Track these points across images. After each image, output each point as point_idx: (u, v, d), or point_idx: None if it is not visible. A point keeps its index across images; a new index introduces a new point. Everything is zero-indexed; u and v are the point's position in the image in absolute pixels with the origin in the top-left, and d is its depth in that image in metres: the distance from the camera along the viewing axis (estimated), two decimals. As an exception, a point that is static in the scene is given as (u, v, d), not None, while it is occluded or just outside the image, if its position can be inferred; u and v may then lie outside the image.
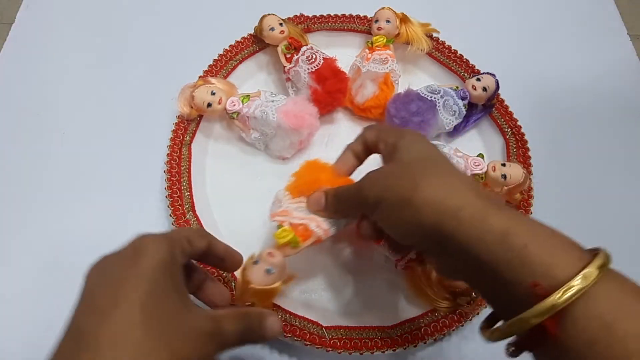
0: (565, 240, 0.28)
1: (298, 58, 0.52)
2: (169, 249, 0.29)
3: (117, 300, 0.26)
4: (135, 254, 0.28)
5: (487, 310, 0.44)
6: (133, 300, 0.26)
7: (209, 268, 0.41)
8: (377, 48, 0.54)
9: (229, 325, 0.30)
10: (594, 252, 0.27)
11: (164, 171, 0.49)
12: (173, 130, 0.51)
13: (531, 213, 0.49)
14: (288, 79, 0.54)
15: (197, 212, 0.47)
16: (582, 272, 0.25)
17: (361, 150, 0.40)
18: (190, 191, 0.48)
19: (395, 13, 0.56)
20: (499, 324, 0.29)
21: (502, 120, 0.54)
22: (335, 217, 0.40)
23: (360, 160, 0.41)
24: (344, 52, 0.57)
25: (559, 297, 0.24)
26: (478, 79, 0.52)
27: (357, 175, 0.44)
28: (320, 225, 0.39)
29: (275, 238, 0.39)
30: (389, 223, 0.33)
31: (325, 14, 0.59)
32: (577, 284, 0.24)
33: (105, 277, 0.27)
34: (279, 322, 0.33)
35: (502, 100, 0.55)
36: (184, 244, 0.31)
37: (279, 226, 0.40)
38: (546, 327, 0.25)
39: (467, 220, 0.28)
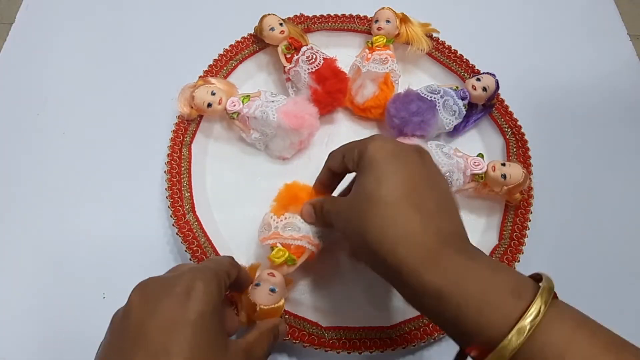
0: (500, 289, 0.27)
1: (298, 58, 0.52)
2: (218, 290, 0.30)
3: (169, 350, 0.26)
4: (187, 296, 0.28)
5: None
6: (183, 350, 0.26)
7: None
8: (377, 48, 0.54)
9: (258, 350, 0.32)
10: (535, 289, 0.26)
11: (164, 171, 0.49)
12: (173, 130, 0.51)
13: (531, 213, 0.49)
14: (288, 79, 0.54)
15: (197, 213, 0.47)
16: (516, 328, 0.24)
17: (329, 177, 0.40)
18: (191, 191, 0.48)
19: (395, 13, 0.56)
20: None
21: (502, 120, 0.54)
22: (328, 228, 0.41)
23: (333, 187, 0.42)
24: (344, 52, 0.57)
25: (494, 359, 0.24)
26: (478, 79, 0.52)
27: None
28: (311, 242, 0.41)
29: (272, 259, 0.40)
30: (355, 255, 0.35)
31: (325, 14, 0.59)
32: (512, 340, 0.24)
33: (157, 314, 0.27)
34: (285, 323, 0.38)
35: (502, 100, 0.55)
36: (226, 280, 0.32)
37: (272, 248, 0.41)
38: None
39: (406, 278, 0.28)
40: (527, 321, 0.24)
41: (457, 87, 0.53)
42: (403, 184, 0.31)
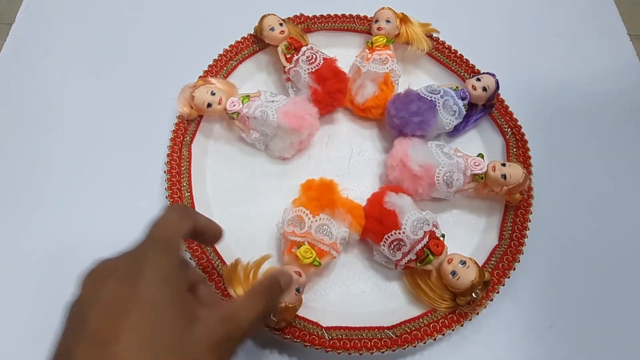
0: None
1: (298, 58, 0.52)
2: (168, 259, 0.27)
3: (116, 337, 0.23)
4: (134, 273, 0.26)
5: (486, 310, 0.44)
6: (134, 332, 0.24)
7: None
8: (377, 48, 0.54)
9: (249, 313, 0.29)
10: None
11: (164, 171, 0.48)
12: (173, 130, 0.51)
13: (531, 213, 0.49)
14: (288, 79, 0.54)
15: (197, 212, 0.47)
16: None
17: None
18: (190, 191, 0.48)
19: (395, 13, 0.56)
20: None
21: (502, 120, 0.54)
22: None
23: None
24: (344, 52, 0.57)
25: None
26: (478, 79, 0.52)
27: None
28: (336, 250, 0.43)
29: (300, 258, 0.41)
30: None
31: (325, 14, 0.59)
32: None
33: (100, 299, 0.25)
34: (287, 271, 0.38)
35: (502, 100, 0.55)
36: (179, 242, 0.30)
37: (294, 244, 0.42)
38: None
39: None
40: None
41: (457, 87, 0.53)
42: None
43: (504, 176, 0.46)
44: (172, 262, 0.28)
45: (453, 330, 0.43)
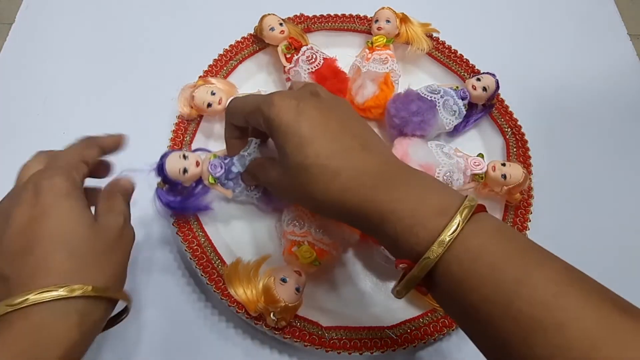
0: (429, 209, 0.29)
1: (298, 58, 0.52)
2: (66, 180, 0.31)
3: (33, 244, 0.28)
4: (35, 194, 0.30)
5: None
6: (49, 239, 0.28)
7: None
8: (377, 48, 0.54)
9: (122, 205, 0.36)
10: (459, 207, 0.29)
11: (164, 171, 0.48)
12: (173, 130, 0.51)
13: (531, 213, 0.49)
14: (288, 79, 0.54)
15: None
16: (437, 242, 0.28)
17: (238, 132, 0.41)
18: (190, 191, 0.48)
19: (395, 13, 0.56)
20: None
21: (502, 120, 0.54)
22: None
23: (245, 135, 0.42)
24: (344, 52, 0.57)
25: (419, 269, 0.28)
26: (478, 79, 0.52)
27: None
28: (337, 249, 0.43)
29: (300, 256, 0.41)
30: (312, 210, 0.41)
31: (325, 14, 0.59)
32: (433, 252, 0.28)
33: (11, 225, 0.29)
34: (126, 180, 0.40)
35: (502, 100, 0.55)
36: (81, 166, 0.34)
37: (295, 243, 0.42)
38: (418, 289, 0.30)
39: (356, 211, 0.32)
40: (446, 235, 0.28)
41: (457, 87, 0.53)
42: (324, 138, 0.32)
43: (504, 176, 0.47)
44: (72, 182, 0.31)
45: (453, 330, 0.43)
